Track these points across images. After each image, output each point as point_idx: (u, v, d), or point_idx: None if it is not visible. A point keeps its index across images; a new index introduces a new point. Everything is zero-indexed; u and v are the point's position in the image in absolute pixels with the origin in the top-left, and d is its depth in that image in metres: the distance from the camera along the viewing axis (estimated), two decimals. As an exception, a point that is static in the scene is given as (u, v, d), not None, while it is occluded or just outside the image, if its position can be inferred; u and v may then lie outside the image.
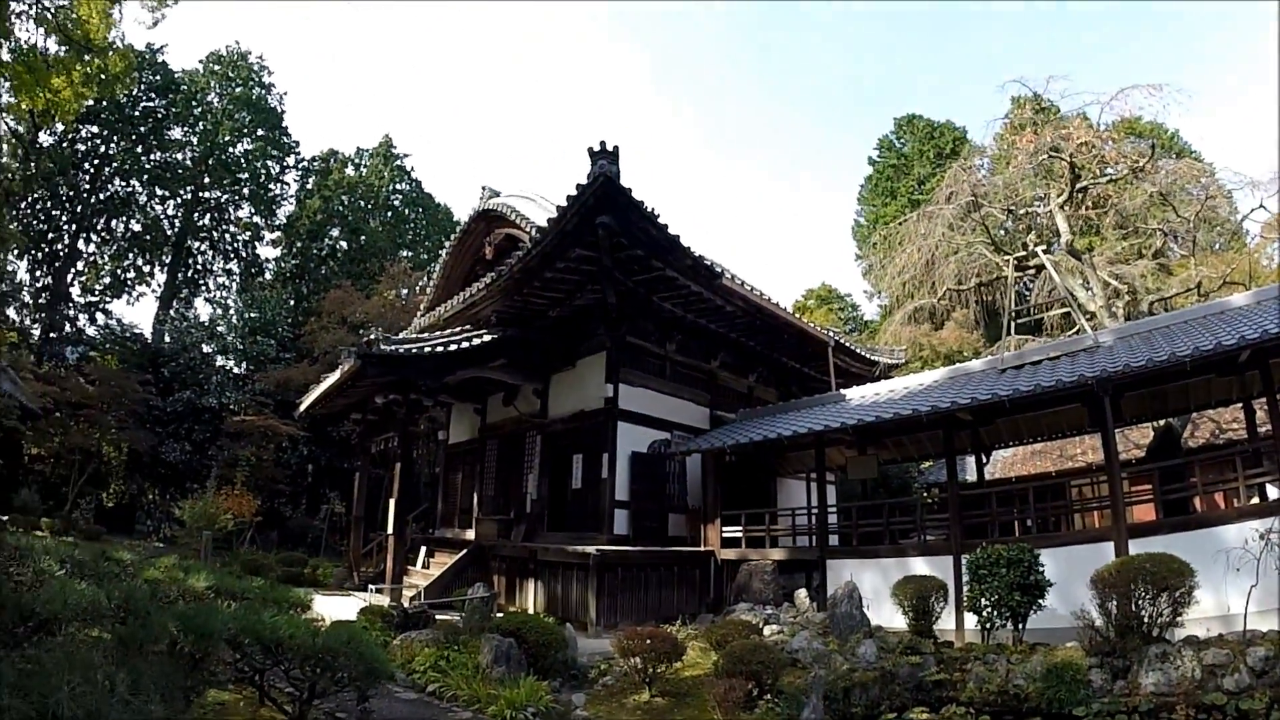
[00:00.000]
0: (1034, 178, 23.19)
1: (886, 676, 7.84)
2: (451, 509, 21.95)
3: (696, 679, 9.44)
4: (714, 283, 15.31)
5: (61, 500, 28.27)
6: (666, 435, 16.98)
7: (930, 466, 25.50)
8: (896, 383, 16.76)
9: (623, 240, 13.78)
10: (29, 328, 38.17)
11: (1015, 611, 9.34)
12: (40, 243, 39.06)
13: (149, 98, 41.50)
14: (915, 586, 10.34)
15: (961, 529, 12.07)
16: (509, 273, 14.84)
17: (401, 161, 48.80)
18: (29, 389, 25.58)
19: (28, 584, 7.06)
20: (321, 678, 6.09)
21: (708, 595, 15.43)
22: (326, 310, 33.33)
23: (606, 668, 10.27)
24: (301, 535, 30.06)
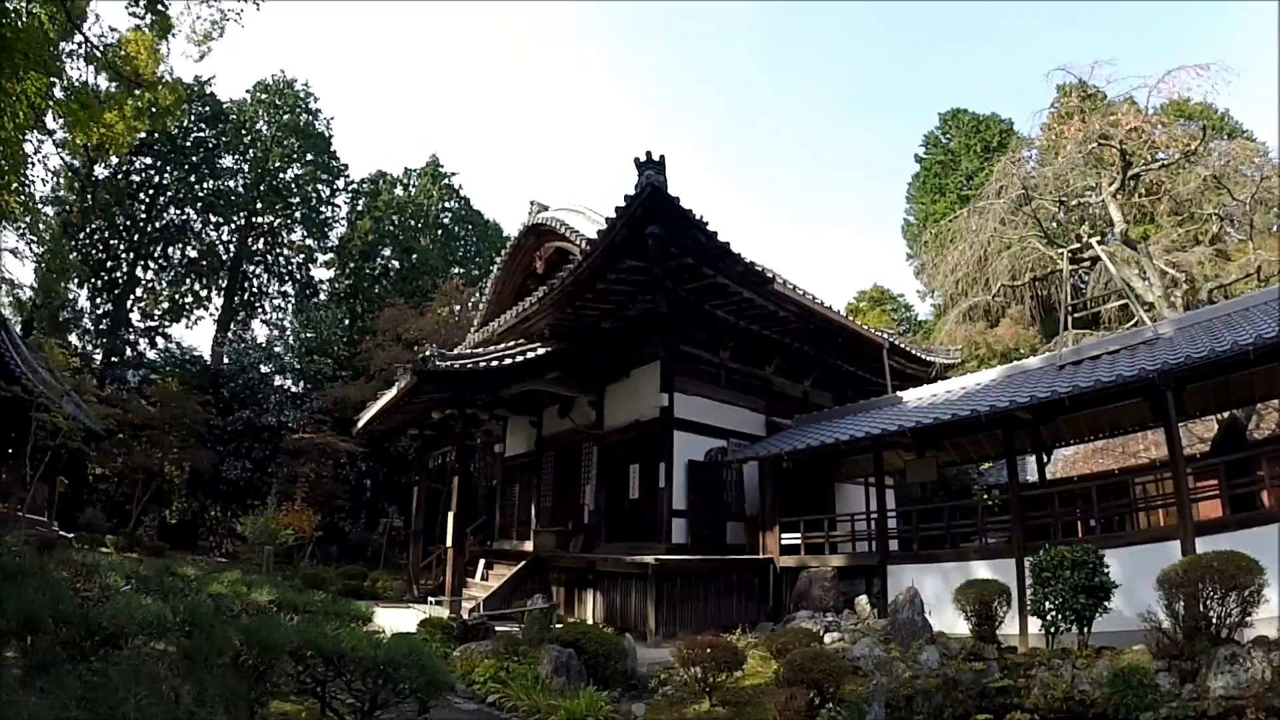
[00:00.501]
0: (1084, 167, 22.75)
1: (949, 683, 7.66)
2: (509, 521, 22.07)
3: (757, 688, 9.32)
4: (765, 288, 15.23)
5: (125, 518, 29.08)
6: (723, 443, 16.85)
7: (990, 467, 24.98)
8: (953, 383, 16.52)
9: (672, 249, 13.76)
10: (91, 353, 39.29)
11: (1080, 615, 9.10)
12: (100, 271, 40.26)
13: (199, 128, 42.79)
14: (977, 591, 10.11)
15: (1024, 531, 11.81)
16: (560, 286, 14.91)
17: (449, 180, 49.50)
18: (92, 411, 26.19)
19: (94, 599, 7.22)
20: (383, 689, 6.12)
21: (767, 603, 15.26)
22: (381, 328, 33.82)
23: (666, 677, 10.15)
24: (361, 549, 30.36)
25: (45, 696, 3.79)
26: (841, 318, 18.18)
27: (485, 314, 21.02)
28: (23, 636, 5.22)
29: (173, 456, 29.83)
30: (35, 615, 5.21)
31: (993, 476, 24.26)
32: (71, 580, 7.97)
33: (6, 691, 3.98)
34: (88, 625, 5.42)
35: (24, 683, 4.33)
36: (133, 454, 28.66)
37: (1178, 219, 24.29)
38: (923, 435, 13.81)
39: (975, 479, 26.09)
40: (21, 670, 4.76)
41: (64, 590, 5.95)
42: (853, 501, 18.36)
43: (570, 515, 18.63)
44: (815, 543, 15.36)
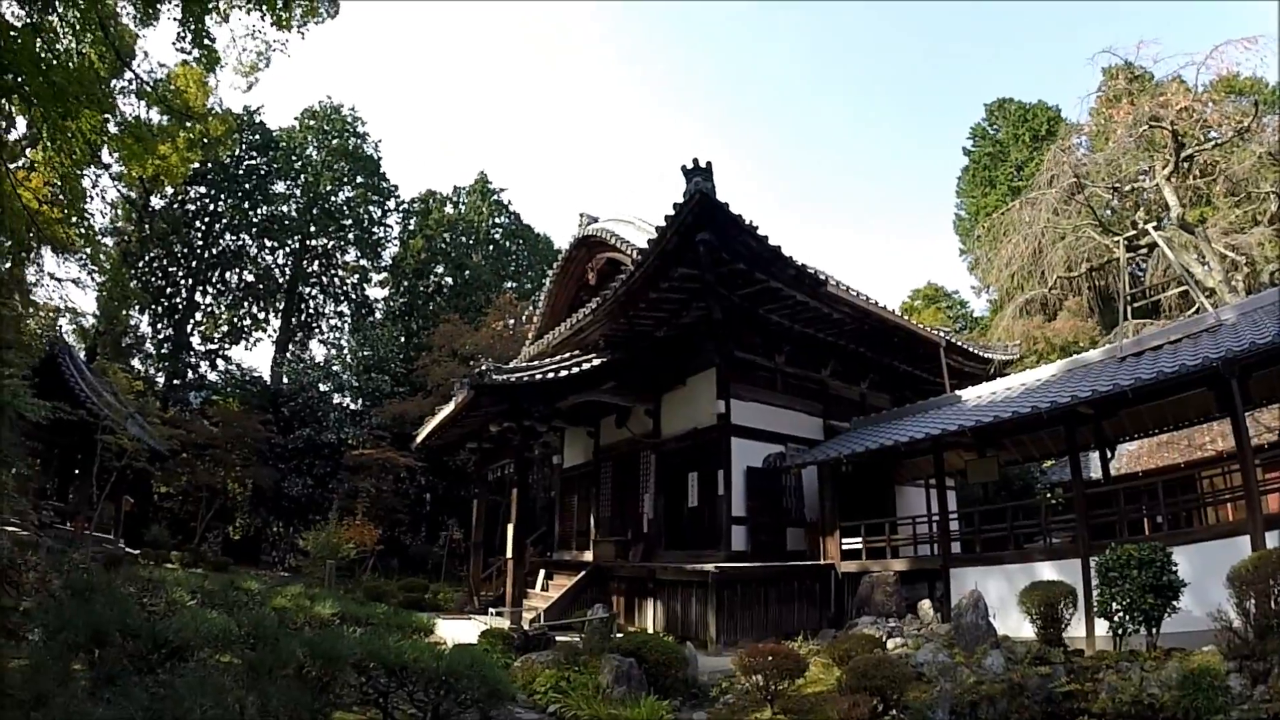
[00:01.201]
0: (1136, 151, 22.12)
1: (1014, 689, 7.51)
2: (569, 532, 22.13)
3: (819, 696, 9.14)
4: (819, 291, 15.12)
5: (190, 534, 29.83)
6: (780, 448, 16.77)
7: (1053, 465, 24.43)
8: (1012, 380, 16.15)
9: (724, 255, 13.73)
10: (154, 377, 40.46)
11: (1148, 615, 8.81)
12: (160, 298, 41.67)
13: (251, 156, 44.08)
14: (1042, 593, 9.87)
15: (1089, 530, 11.52)
16: (613, 296, 14.96)
17: (498, 196, 50.01)
18: (156, 432, 27.00)
19: (160, 613, 7.38)
20: (445, 700, 6.18)
21: (828, 609, 15.07)
22: (437, 344, 34.25)
23: (727, 686, 10.10)
24: (422, 562, 30.73)
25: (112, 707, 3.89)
26: (896, 317, 17.96)
27: (540, 327, 21.19)
28: (90, 650, 5.36)
29: (235, 474, 30.61)
30: (103, 629, 5.36)
31: (1056, 474, 23.68)
32: (138, 595, 8.17)
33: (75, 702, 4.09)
34: (154, 638, 5.58)
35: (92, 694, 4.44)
36: (196, 473, 29.45)
37: (1234, 200, 23.41)
38: (983, 434, 13.55)
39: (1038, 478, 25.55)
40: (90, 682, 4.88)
41: (130, 605, 6.10)
42: (913, 504, 18.10)
43: (629, 524, 18.62)
44: (877, 547, 15.15)
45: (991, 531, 13.86)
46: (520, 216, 50.80)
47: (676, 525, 17.26)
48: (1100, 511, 12.09)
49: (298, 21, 11.57)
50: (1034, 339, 27.48)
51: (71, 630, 5.26)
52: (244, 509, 35.70)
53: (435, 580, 26.24)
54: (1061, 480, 22.16)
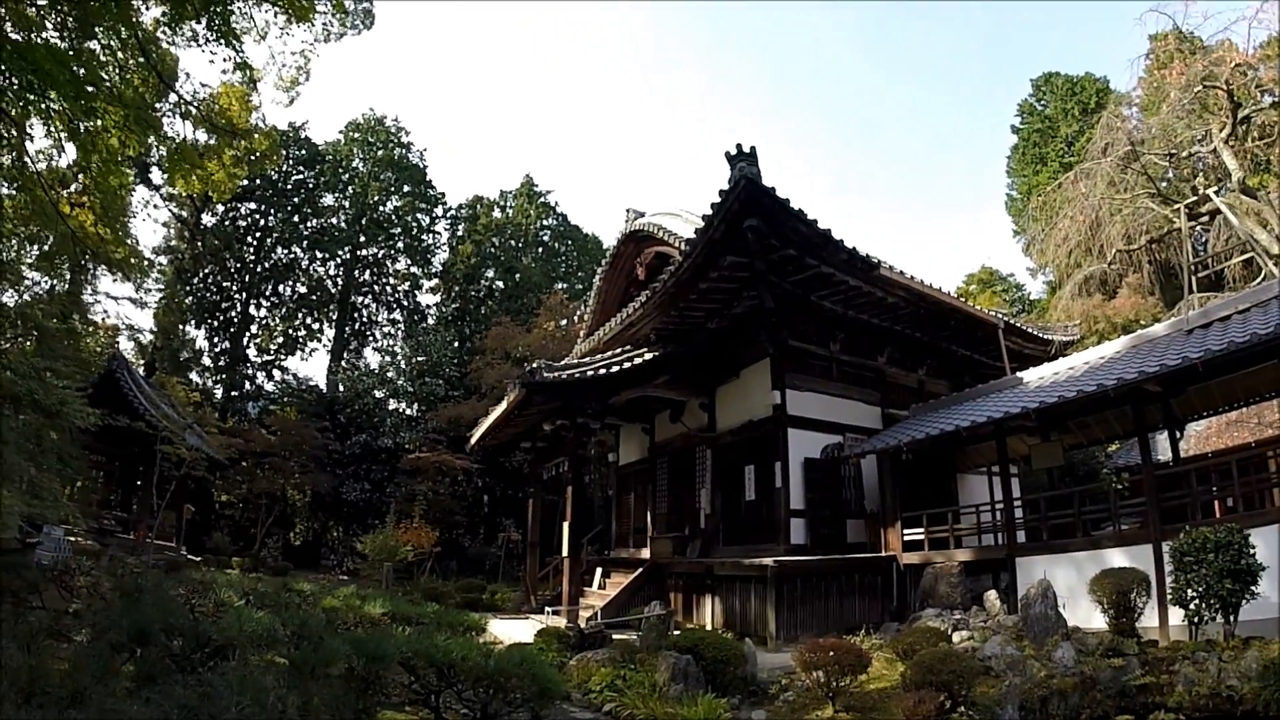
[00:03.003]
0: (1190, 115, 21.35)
1: (1086, 682, 7.16)
2: (625, 529, 22.06)
3: (883, 692, 8.85)
4: (872, 274, 14.74)
5: (250, 541, 30.45)
6: (838, 438, 16.41)
7: (1118, 449, 23.73)
8: (1075, 359, 15.51)
9: (773, 241, 13.45)
10: (212, 389, 41.51)
11: (1225, 602, 8.35)
12: (215, 312, 42.77)
13: (298, 171, 45.00)
14: (1113, 581, 9.46)
15: (1160, 513, 11.04)
16: (663, 289, 14.77)
17: (545, 198, 50.30)
18: (215, 442, 27.56)
19: (208, 614, 7.35)
20: (494, 699, 6.04)
21: (890, 602, 14.71)
22: (489, 347, 34.40)
23: (788, 683, 9.80)
24: (479, 563, 30.87)
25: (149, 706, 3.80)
26: (953, 299, 17.44)
27: (590, 324, 21.10)
28: (133, 649, 5.30)
29: (294, 481, 31.01)
30: (145, 629, 5.31)
31: (1121, 458, 22.82)
32: (187, 597, 8.16)
33: (113, 701, 4.01)
34: (198, 638, 5.51)
35: (133, 693, 4.36)
36: (255, 480, 29.98)
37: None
38: (1047, 416, 13.03)
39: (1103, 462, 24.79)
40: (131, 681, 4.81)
41: (176, 605, 6.04)
42: (975, 492, 17.69)
43: (686, 520, 18.45)
44: (939, 537, 14.73)
45: (1058, 518, 13.35)
46: (568, 218, 51.07)
47: (734, 520, 17.01)
48: (1170, 494, 11.60)
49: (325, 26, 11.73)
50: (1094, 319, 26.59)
51: (116, 630, 5.21)
52: (303, 515, 36.37)
53: (493, 581, 26.37)
54: (1127, 464, 21.38)
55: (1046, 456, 15.09)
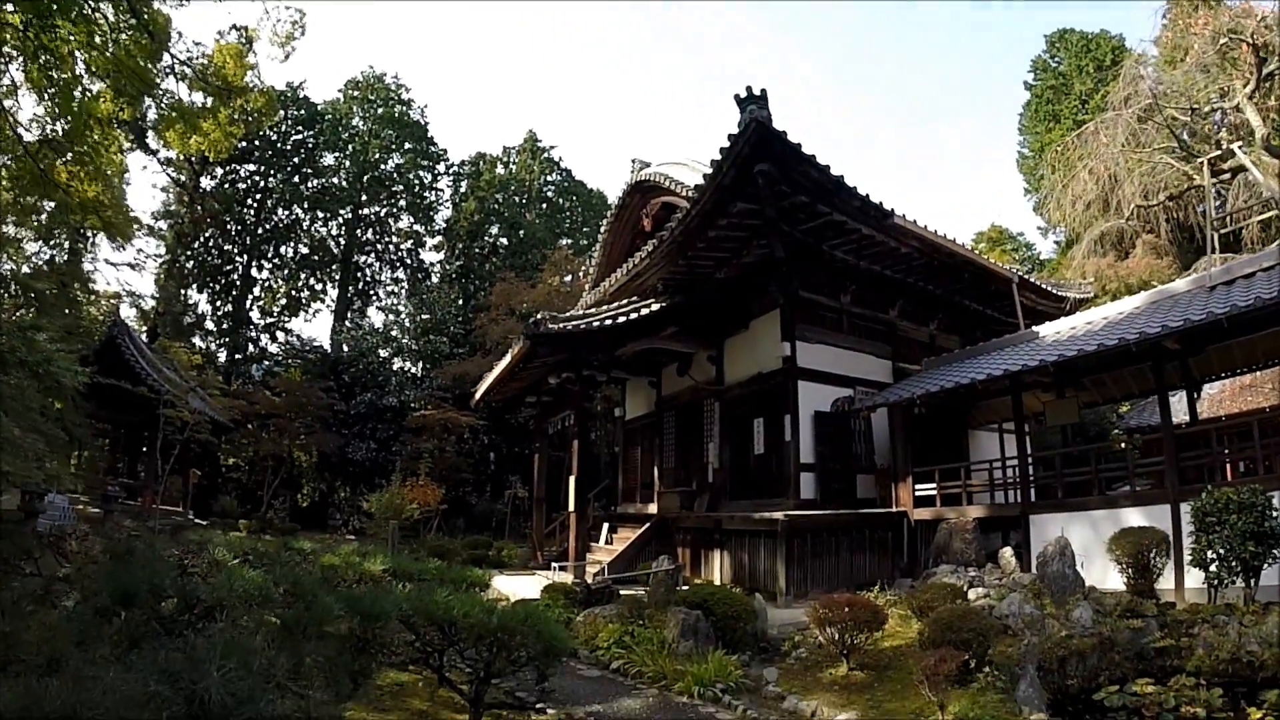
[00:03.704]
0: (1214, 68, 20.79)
1: (1105, 643, 6.90)
2: (632, 485, 21.85)
3: (897, 650, 8.70)
4: (885, 223, 14.29)
5: (258, 503, 30.40)
6: (849, 392, 16.09)
7: (1129, 410, 23.44)
8: (1093, 314, 15.12)
9: (784, 188, 13.01)
10: (215, 352, 41.62)
11: (1246, 565, 8.16)
12: (216, 275, 42.63)
13: (298, 131, 44.53)
14: (1132, 540, 9.33)
15: (1178, 474, 10.75)
16: (670, 237, 14.36)
17: (549, 153, 49.81)
18: (218, 405, 27.62)
19: (203, 574, 7.11)
20: (497, 658, 5.78)
21: (900, 559, 14.51)
22: (494, 304, 34.17)
23: (800, 639, 9.66)
24: (486, 520, 30.82)
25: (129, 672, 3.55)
26: (967, 251, 16.94)
27: (595, 277, 20.73)
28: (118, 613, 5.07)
29: (299, 442, 30.93)
30: (131, 590, 5.04)
31: (1133, 419, 22.55)
32: (181, 557, 7.91)
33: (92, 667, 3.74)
34: (186, 598, 5.24)
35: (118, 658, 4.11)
36: (261, 443, 29.89)
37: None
38: (1065, 370, 12.73)
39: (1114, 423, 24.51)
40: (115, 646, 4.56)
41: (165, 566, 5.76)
42: (986, 449, 17.46)
43: (694, 475, 18.22)
44: (952, 493, 14.47)
45: (1074, 476, 13.05)
46: (572, 173, 50.58)
47: (742, 474, 16.77)
48: (1189, 455, 11.33)
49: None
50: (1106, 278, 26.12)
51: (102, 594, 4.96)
52: (310, 476, 36.33)
53: (500, 538, 26.44)
54: (1140, 425, 21.11)
55: (1062, 413, 14.83)
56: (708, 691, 7.90)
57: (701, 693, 7.88)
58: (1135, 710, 6.17)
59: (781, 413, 15.21)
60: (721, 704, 7.71)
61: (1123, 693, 6.35)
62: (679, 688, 8.06)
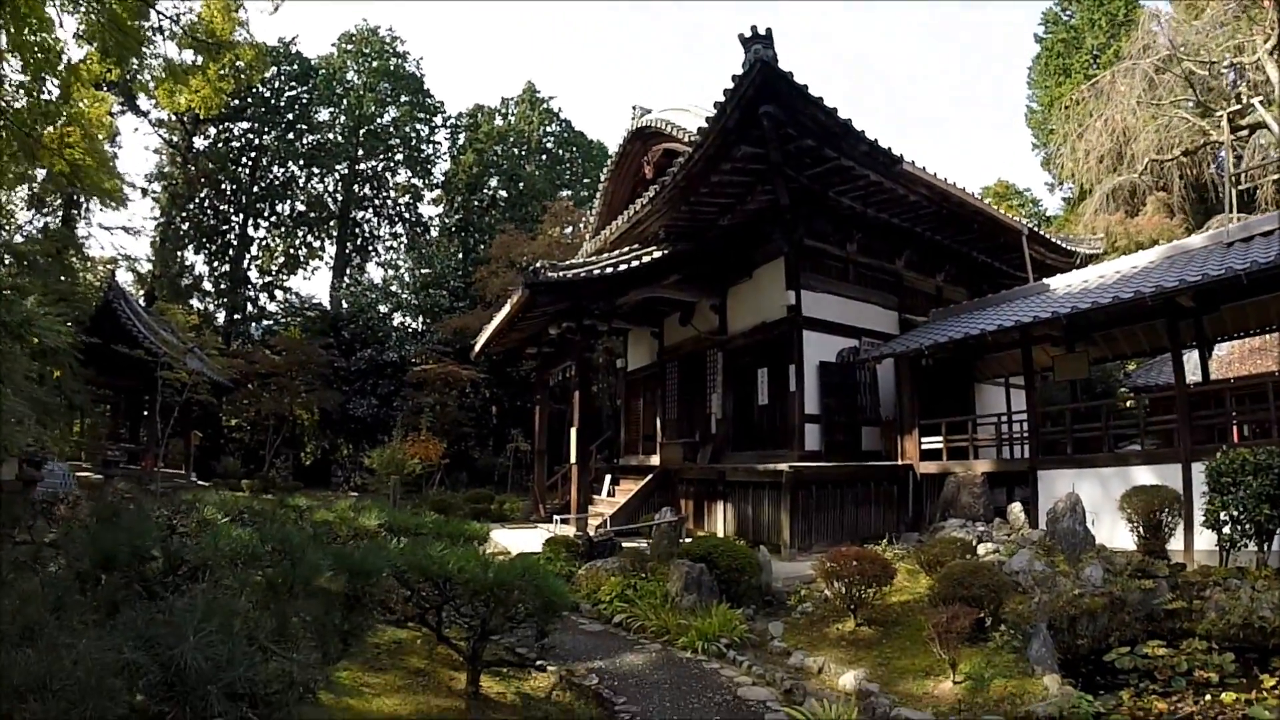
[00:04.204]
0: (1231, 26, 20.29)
1: (1116, 603, 6.74)
2: (635, 436, 21.70)
3: (905, 605, 8.50)
4: (894, 169, 13.86)
5: (261, 463, 30.33)
6: (854, 342, 15.80)
7: (1136, 368, 23.18)
8: (1104, 267, 14.74)
9: (790, 131, 12.54)
10: (213, 313, 41.48)
11: (1261, 528, 7.98)
12: (213, 236, 42.30)
13: (291, 87, 43.90)
14: (1145, 499, 9.12)
15: (1190, 433, 10.56)
16: (672, 182, 13.95)
17: (548, 104, 49.01)
18: (217, 364, 27.47)
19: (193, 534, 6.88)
20: (494, 614, 5.55)
21: (905, 513, 14.38)
22: (494, 256, 33.66)
23: (806, 593, 9.52)
24: (489, 474, 30.79)
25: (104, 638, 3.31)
26: (977, 201, 16.45)
27: (596, 226, 20.35)
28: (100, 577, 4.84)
29: (301, 400, 30.65)
30: (112, 553, 4.75)
31: (1140, 377, 22.26)
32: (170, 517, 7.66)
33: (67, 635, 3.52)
34: (170, 559, 4.97)
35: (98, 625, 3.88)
36: (262, 402, 29.66)
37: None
38: (1077, 324, 12.50)
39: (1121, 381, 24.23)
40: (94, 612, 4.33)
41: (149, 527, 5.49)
42: (992, 404, 17.28)
43: (697, 426, 18.03)
44: (958, 447, 14.27)
45: (1083, 432, 12.82)
46: (572, 124, 49.80)
47: (746, 425, 16.55)
48: (1201, 415, 11.20)
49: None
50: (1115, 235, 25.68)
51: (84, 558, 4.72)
52: (312, 434, 36.25)
53: (502, 491, 26.42)
54: (1147, 384, 20.82)
55: (1071, 369, 14.56)
56: (712, 646, 7.74)
57: (705, 648, 7.73)
58: (1147, 673, 6.04)
59: (786, 363, 14.95)
60: (726, 659, 7.54)
61: (1134, 654, 6.23)
62: (682, 642, 7.91)
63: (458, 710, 5.67)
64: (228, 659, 3.26)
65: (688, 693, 6.49)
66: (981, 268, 19.18)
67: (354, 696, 5.72)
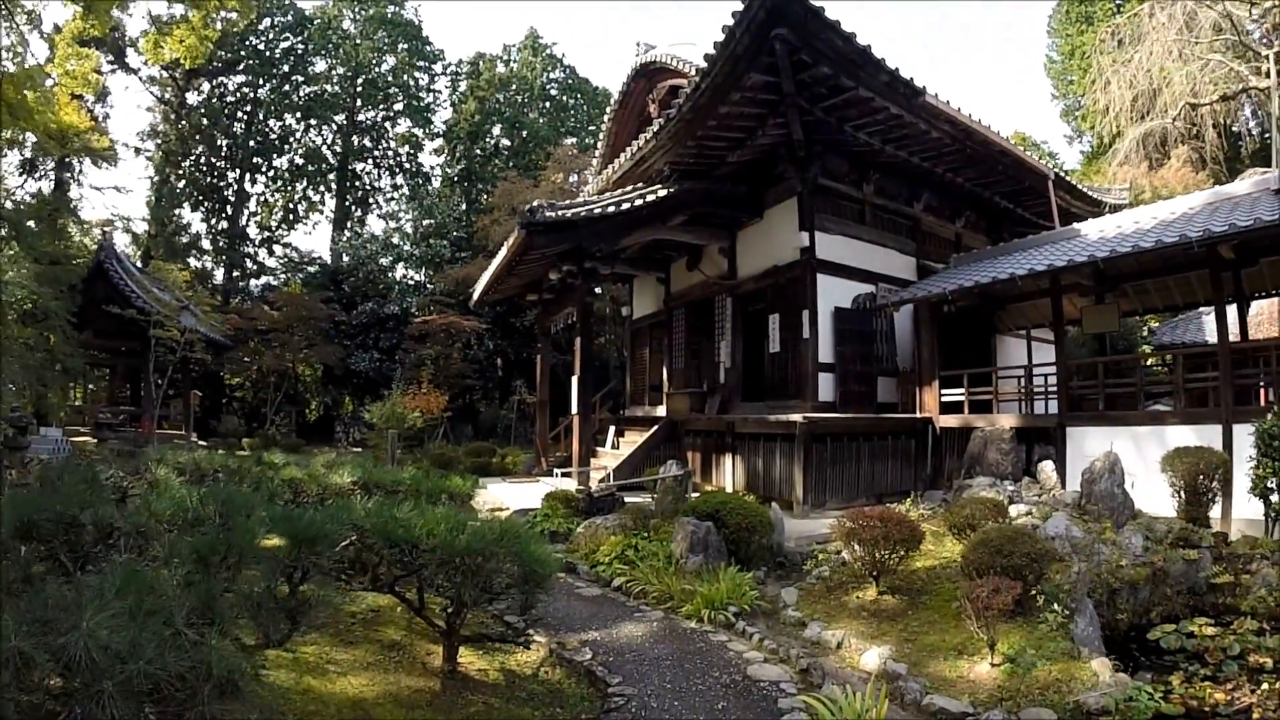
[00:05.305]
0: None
1: (1158, 575, 6.20)
2: (640, 387, 21.12)
3: (931, 572, 7.72)
4: (915, 101, 12.86)
5: (264, 421, 30.00)
6: (870, 288, 14.99)
7: (1160, 325, 22.30)
8: (1139, 213, 13.72)
9: (804, 57, 11.57)
10: (211, 270, 41.00)
11: None
12: (209, 193, 41.69)
13: (285, 38, 43.00)
14: (1189, 462, 8.43)
15: (1233, 392, 9.95)
16: (678, 114, 13.00)
17: (551, 50, 47.59)
18: (212, 320, 27.55)
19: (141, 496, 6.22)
20: (467, 586, 4.85)
21: (924, 468, 13.75)
22: (497, 205, 32.75)
23: (823, 556, 8.77)
24: (493, 427, 30.53)
25: None
26: (1003, 140, 15.37)
27: (599, 168, 19.45)
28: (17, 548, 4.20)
29: (302, 356, 30.24)
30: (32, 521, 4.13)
31: (1165, 335, 21.37)
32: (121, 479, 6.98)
33: None
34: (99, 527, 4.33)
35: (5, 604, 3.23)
36: (263, 359, 29.15)
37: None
38: (1113, 271, 12.01)
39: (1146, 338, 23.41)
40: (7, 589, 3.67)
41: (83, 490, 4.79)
42: (1013, 356, 16.59)
43: (704, 375, 17.37)
44: (982, 400, 13.60)
45: (1114, 388, 12.17)
46: (576, 70, 48.43)
47: (756, 375, 15.89)
48: (1242, 374, 10.61)
49: None
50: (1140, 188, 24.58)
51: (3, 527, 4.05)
52: (314, 390, 36.05)
53: (507, 444, 26.04)
54: (1173, 341, 19.93)
55: (1100, 320, 13.83)
56: (719, 615, 7.11)
57: (712, 617, 7.10)
58: (1195, 655, 5.47)
59: (799, 308, 14.15)
60: (734, 630, 6.91)
61: (1179, 633, 5.68)
62: (686, 610, 7.27)
63: (431, 692, 4.96)
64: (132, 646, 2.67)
65: (691, 671, 5.81)
66: (1003, 213, 18.38)
67: (317, 675, 5.03)
